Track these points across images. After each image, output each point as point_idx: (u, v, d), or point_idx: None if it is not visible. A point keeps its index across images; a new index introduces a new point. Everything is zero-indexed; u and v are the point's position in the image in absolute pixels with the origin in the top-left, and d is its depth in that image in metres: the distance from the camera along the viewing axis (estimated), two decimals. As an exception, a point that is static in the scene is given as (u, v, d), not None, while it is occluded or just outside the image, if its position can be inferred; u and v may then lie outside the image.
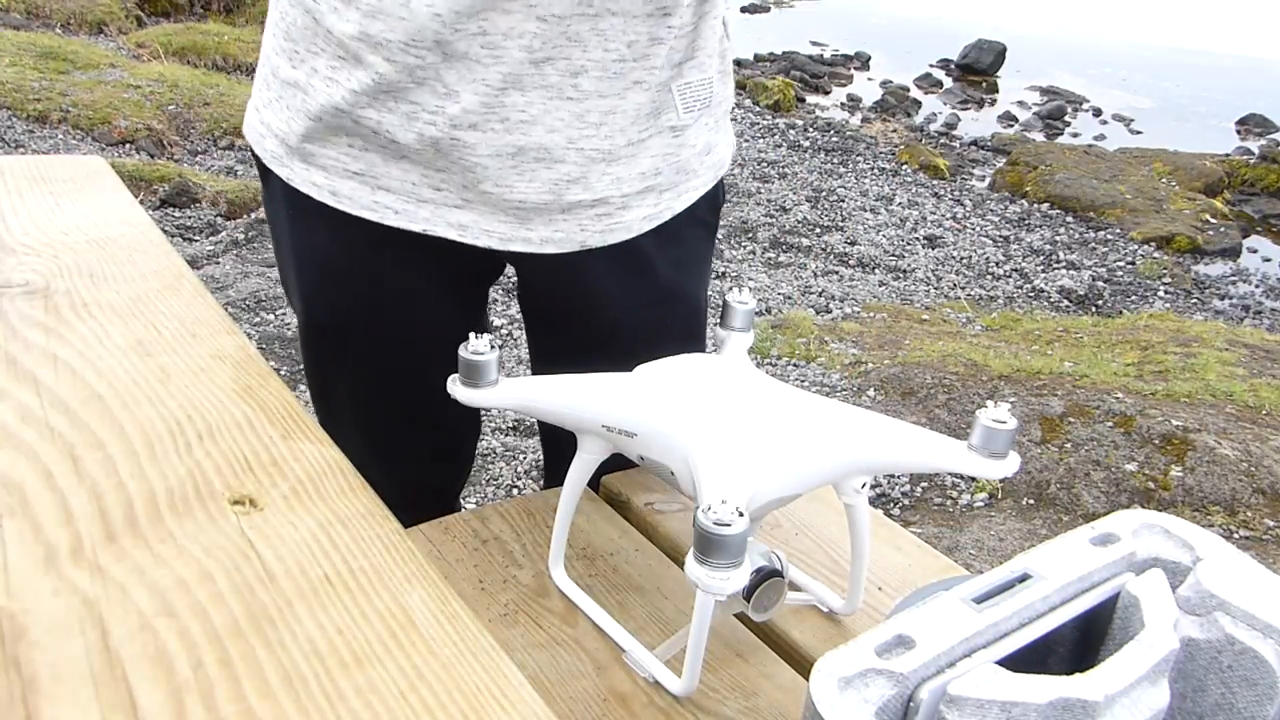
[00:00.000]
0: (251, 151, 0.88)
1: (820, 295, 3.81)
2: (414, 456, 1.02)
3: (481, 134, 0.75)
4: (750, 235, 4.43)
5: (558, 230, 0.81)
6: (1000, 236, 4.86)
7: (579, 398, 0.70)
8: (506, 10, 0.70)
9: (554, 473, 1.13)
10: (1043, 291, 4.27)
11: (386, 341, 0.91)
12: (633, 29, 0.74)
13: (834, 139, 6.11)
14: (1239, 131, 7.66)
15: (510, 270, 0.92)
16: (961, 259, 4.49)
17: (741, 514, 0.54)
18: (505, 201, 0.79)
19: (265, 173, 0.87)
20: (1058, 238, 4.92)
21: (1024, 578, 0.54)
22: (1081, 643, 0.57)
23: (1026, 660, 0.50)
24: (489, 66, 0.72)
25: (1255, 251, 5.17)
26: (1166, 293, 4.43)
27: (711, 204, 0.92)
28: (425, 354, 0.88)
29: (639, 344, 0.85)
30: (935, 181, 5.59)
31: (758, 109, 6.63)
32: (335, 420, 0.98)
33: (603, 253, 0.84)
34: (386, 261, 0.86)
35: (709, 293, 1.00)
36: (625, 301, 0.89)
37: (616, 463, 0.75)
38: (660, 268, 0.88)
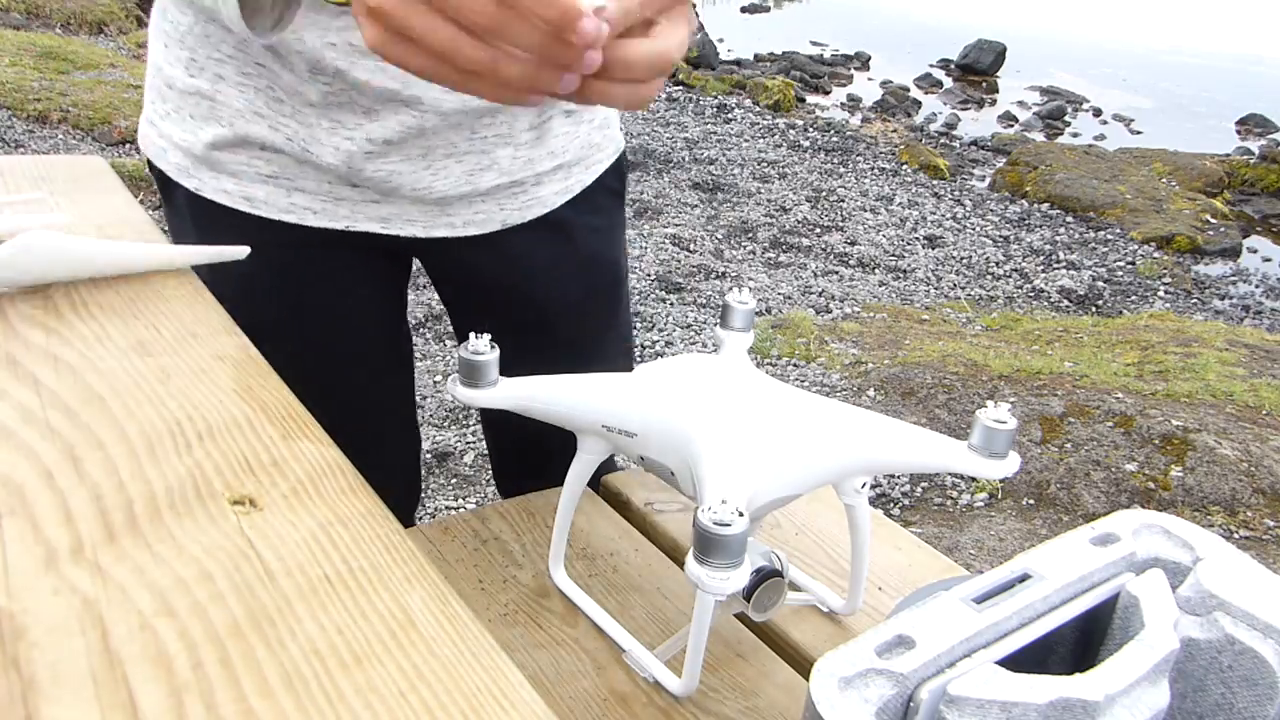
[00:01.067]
0: (151, 167, 0.86)
1: (820, 295, 3.82)
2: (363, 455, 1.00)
3: (396, 146, 0.78)
4: (750, 235, 4.43)
5: (478, 212, 0.84)
6: (1000, 236, 4.86)
7: (579, 398, 0.70)
8: None
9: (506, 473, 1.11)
10: (1043, 291, 4.27)
11: (316, 345, 0.88)
12: None
13: (834, 139, 6.11)
14: (1239, 131, 7.66)
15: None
16: (961, 259, 4.49)
17: (741, 514, 0.54)
18: (423, 198, 0.82)
19: (167, 187, 0.85)
20: (1058, 238, 4.92)
21: (1024, 578, 0.54)
22: (1081, 643, 0.57)
23: (1026, 660, 0.50)
24: (399, 90, 0.75)
25: (1255, 251, 5.17)
26: (1166, 293, 4.44)
27: (617, 173, 0.95)
28: (354, 354, 0.89)
29: (566, 315, 0.89)
30: (935, 181, 5.59)
31: (758, 109, 6.63)
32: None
33: (524, 228, 0.87)
34: (306, 264, 0.85)
35: (628, 261, 1.03)
36: (551, 271, 0.91)
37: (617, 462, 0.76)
38: (579, 235, 0.91)
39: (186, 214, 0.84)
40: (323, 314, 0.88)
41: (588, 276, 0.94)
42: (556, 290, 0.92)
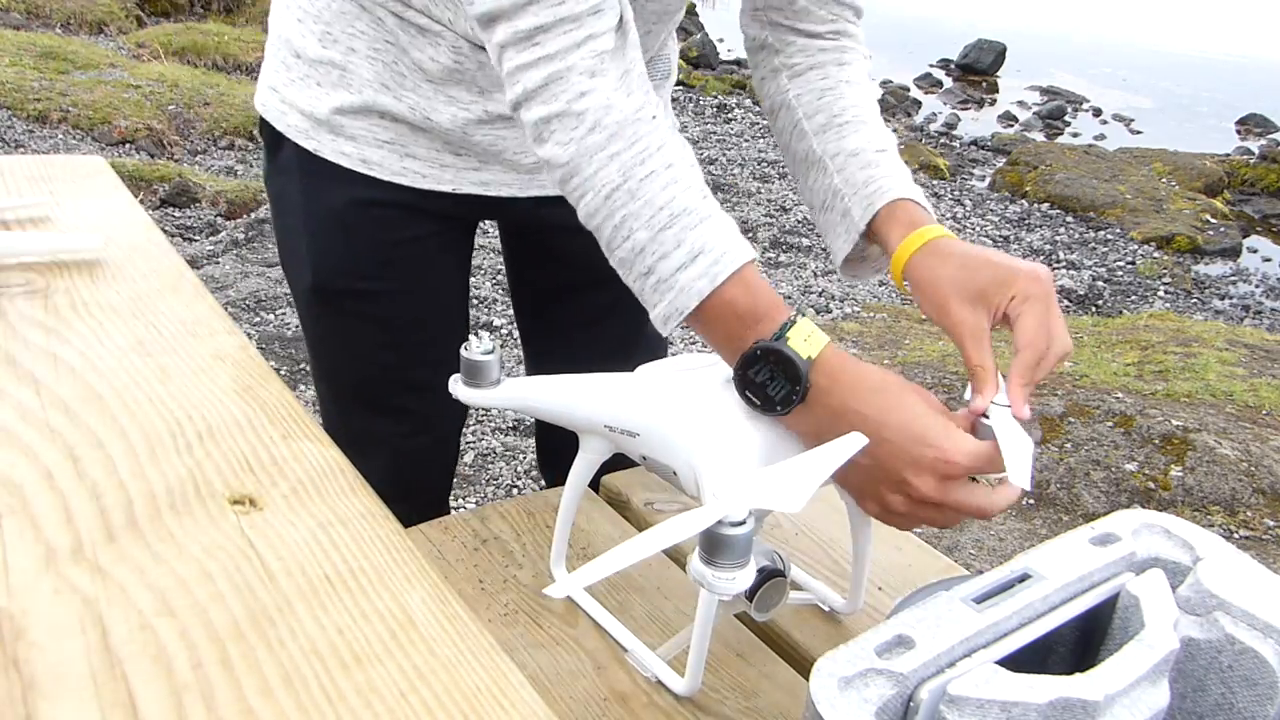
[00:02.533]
0: (267, 127, 0.93)
1: (820, 295, 3.82)
2: (410, 425, 1.04)
3: (505, 120, 0.87)
4: (750, 235, 4.43)
5: None
6: (1000, 236, 4.86)
7: (581, 398, 0.70)
8: None
9: (550, 471, 1.18)
10: (1043, 291, 4.26)
11: (393, 295, 0.95)
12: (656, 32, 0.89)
13: (834, 139, 6.09)
14: (1239, 131, 7.66)
15: (499, 264, 0.98)
16: (961, 259, 4.48)
17: (749, 514, 0.53)
18: (521, 165, 0.91)
19: (277, 146, 0.92)
20: (1058, 238, 4.92)
21: (1024, 578, 0.54)
22: (1081, 642, 0.57)
23: (1026, 660, 0.50)
24: None
25: (1255, 251, 5.17)
26: (1166, 293, 4.43)
27: None
28: (428, 309, 0.98)
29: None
30: (935, 181, 5.59)
31: (757, 109, 6.62)
32: (337, 393, 1.03)
33: None
34: (401, 217, 0.92)
35: None
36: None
37: (615, 461, 0.76)
38: None
39: (296, 172, 0.92)
40: (405, 264, 0.95)
41: None
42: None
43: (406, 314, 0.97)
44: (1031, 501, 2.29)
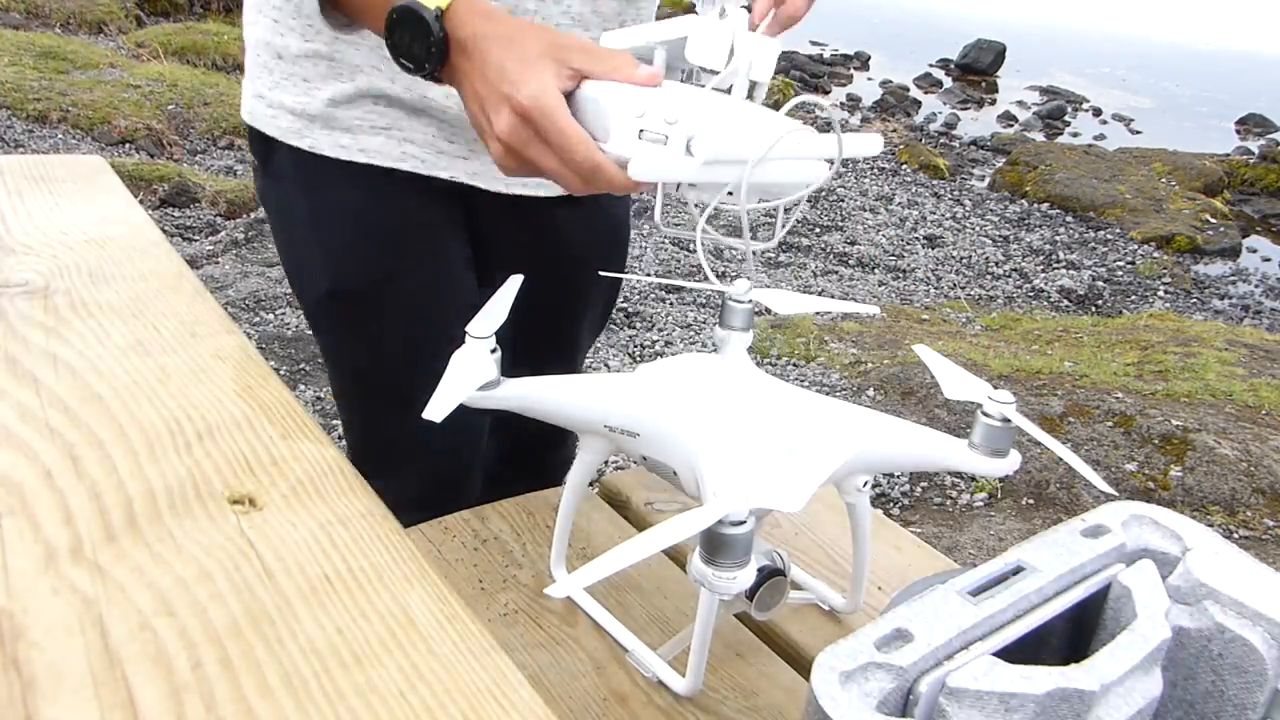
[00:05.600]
0: (257, 136, 0.91)
1: (820, 295, 3.82)
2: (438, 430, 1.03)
3: None
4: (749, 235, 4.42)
5: None
6: (1000, 236, 4.86)
7: (581, 398, 0.70)
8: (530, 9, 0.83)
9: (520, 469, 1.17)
10: (1043, 291, 4.27)
11: (412, 286, 0.94)
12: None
13: (834, 139, 6.09)
14: (1239, 131, 7.66)
15: None
16: (961, 259, 4.49)
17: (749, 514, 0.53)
18: None
19: (270, 153, 0.91)
20: (1057, 237, 4.92)
21: (1017, 570, 0.54)
22: (1074, 633, 0.57)
23: (1021, 651, 0.50)
24: None
25: (1255, 251, 5.17)
26: (1166, 292, 4.44)
27: None
28: (446, 294, 0.96)
29: (591, 264, 1.03)
30: (935, 181, 5.59)
31: (757, 109, 6.61)
32: (363, 401, 1.02)
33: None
34: (409, 205, 0.92)
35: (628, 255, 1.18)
36: (586, 229, 1.04)
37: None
38: (604, 202, 1.03)
39: (293, 177, 0.91)
40: (423, 256, 0.95)
41: (613, 233, 1.07)
42: (583, 249, 1.04)
43: (426, 301, 0.96)
44: (1031, 501, 2.29)
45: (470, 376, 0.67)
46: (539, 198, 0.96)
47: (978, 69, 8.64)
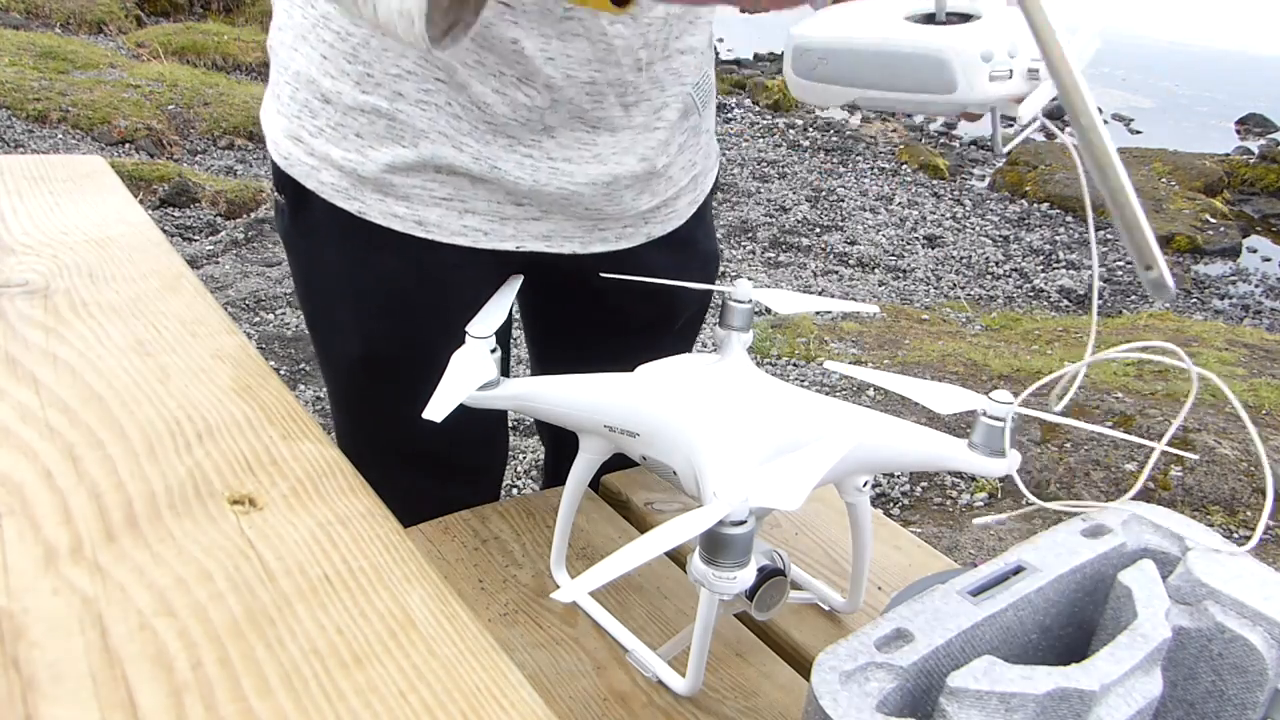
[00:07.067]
0: (290, 182, 0.81)
1: (820, 295, 3.82)
2: (461, 480, 0.97)
3: (578, 166, 0.80)
4: (750, 235, 4.43)
5: (628, 227, 0.88)
6: (1000, 236, 4.86)
7: (580, 397, 0.70)
8: (616, 63, 0.76)
9: (555, 473, 1.14)
10: (1043, 291, 4.27)
11: (449, 353, 0.88)
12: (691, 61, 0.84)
13: (834, 139, 6.11)
14: (1239, 131, 7.66)
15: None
16: (961, 259, 4.49)
17: (750, 514, 0.53)
18: (585, 211, 0.83)
19: (303, 203, 0.82)
20: (1057, 237, 4.92)
21: (1018, 570, 0.54)
22: (1074, 633, 0.57)
23: (1021, 651, 0.51)
24: (588, 110, 0.78)
25: (1255, 251, 5.17)
26: (1166, 292, 4.43)
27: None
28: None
29: (683, 309, 0.98)
30: (935, 181, 5.59)
31: (757, 109, 6.63)
32: (379, 457, 0.90)
33: (662, 241, 0.92)
34: (461, 280, 0.83)
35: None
36: (676, 276, 0.90)
37: (615, 461, 0.76)
38: (699, 239, 0.97)
39: (331, 236, 0.82)
40: (466, 320, 0.87)
41: (704, 274, 0.98)
42: (680, 296, 0.95)
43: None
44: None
45: (470, 376, 0.67)
46: (619, 251, 0.88)
47: (978, 69, 8.62)
